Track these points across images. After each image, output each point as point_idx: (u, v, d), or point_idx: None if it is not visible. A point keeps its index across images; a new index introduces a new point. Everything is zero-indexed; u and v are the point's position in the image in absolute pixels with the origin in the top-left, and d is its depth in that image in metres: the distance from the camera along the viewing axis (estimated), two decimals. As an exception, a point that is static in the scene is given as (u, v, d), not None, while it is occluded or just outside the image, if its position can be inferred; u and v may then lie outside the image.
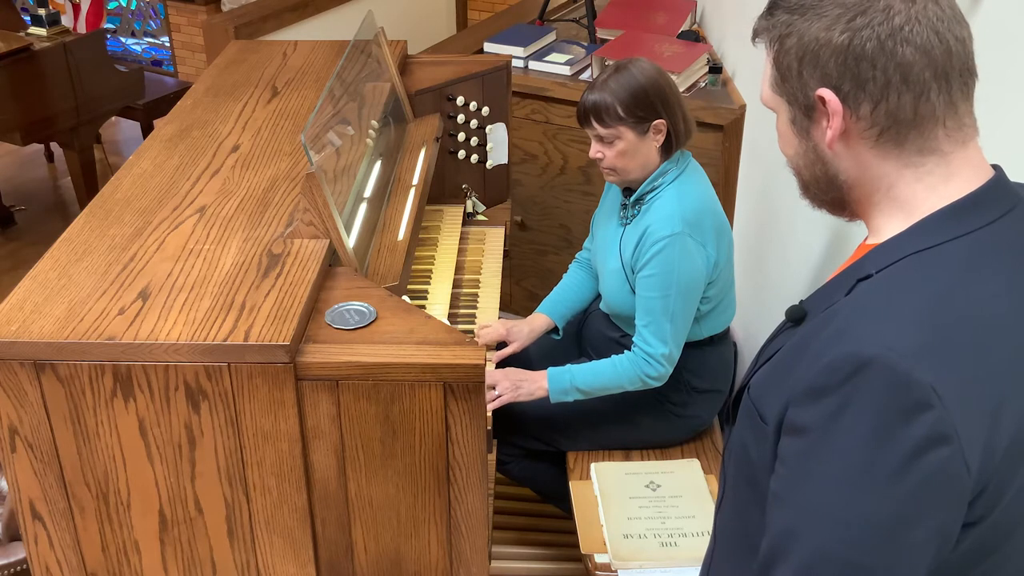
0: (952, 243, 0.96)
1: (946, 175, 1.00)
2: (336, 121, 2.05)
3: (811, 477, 0.93)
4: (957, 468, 0.87)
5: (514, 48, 3.20)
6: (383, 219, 2.13)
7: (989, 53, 1.52)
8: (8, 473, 1.60)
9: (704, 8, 3.52)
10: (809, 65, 1.00)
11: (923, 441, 0.86)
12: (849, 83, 0.98)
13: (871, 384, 0.88)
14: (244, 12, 3.51)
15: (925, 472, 0.87)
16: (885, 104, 0.97)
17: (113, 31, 6.08)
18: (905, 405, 0.87)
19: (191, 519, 1.64)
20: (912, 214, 1.01)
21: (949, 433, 0.86)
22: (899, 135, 0.99)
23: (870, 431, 0.88)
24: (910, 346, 0.88)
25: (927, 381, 0.87)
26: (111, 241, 1.78)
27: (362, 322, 1.63)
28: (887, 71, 0.96)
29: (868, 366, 0.88)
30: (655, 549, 2.01)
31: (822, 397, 0.91)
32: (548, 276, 3.43)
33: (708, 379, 2.27)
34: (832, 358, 0.91)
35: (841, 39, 0.97)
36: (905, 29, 0.95)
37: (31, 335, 1.52)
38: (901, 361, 0.87)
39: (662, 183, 2.12)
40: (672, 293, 2.07)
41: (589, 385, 2.16)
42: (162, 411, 1.55)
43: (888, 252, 0.99)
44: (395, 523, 1.67)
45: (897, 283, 0.95)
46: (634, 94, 2.06)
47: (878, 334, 0.90)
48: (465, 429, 1.59)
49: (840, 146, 1.02)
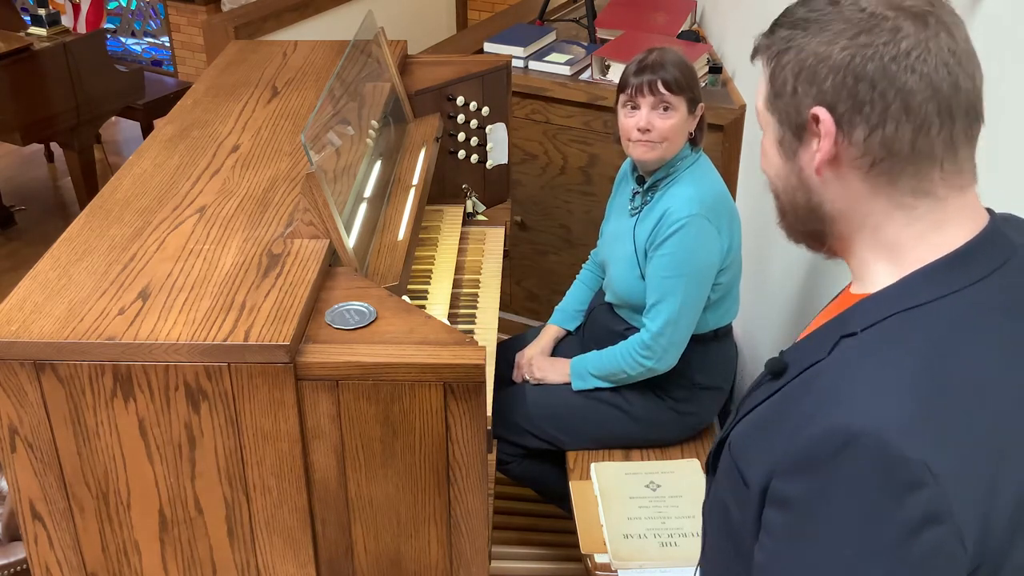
0: (941, 301, 0.90)
1: (938, 222, 0.94)
2: (336, 121, 2.05)
3: (799, 555, 0.88)
4: (952, 547, 0.83)
5: (514, 48, 3.20)
6: (383, 219, 2.13)
7: (989, 53, 1.52)
8: (8, 473, 1.60)
9: (704, 8, 3.52)
10: (805, 81, 0.94)
11: (917, 521, 0.82)
12: (845, 104, 0.92)
13: (860, 462, 0.83)
14: (244, 12, 3.51)
15: (919, 553, 0.82)
16: (881, 132, 0.91)
17: (113, 31, 6.08)
18: (897, 484, 0.82)
19: (191, 519, 1.64)
20: (900, 263, 0.95)
21: (943, 512, 0.82)
22: (892, 169, 0.93)
23: (861, 511, 0.83)
24: (901, 420, 0.83)
25: (919, 458, 0.81)
26: (111, 241, 1.78)
27: (362, 322, 1.63)
28: (887, 96, 0.90)
29: (856, 442, 0.83)
30: (655, 549, 2.01)
31: (809, 472, 0.86)
32: (548, 276, 3.43)
33: (711, 375, 2.28)
34: (819, 430, 0.86)
35: (842, 56, 0.91)
36: (912, 55, 0.89)
37: (31, 335, 1.52)
38: (892, 437, 0.82)
39: (676, 170, 2.15)
40: (685, 273, 2.09)
41: (598, 368, 2.25)
42: (162, 411, 1.55)
43: (874, 308, 0.93)
44: (395, 523, 1.67)
45: (884, 347, 0.89)
46: (692, 73, 2.13)
47: (867, 406, 0.84)
48: (465, 429, 1.59)
49: (829, 173, 0.96)
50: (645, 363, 2.16)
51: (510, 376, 2.39)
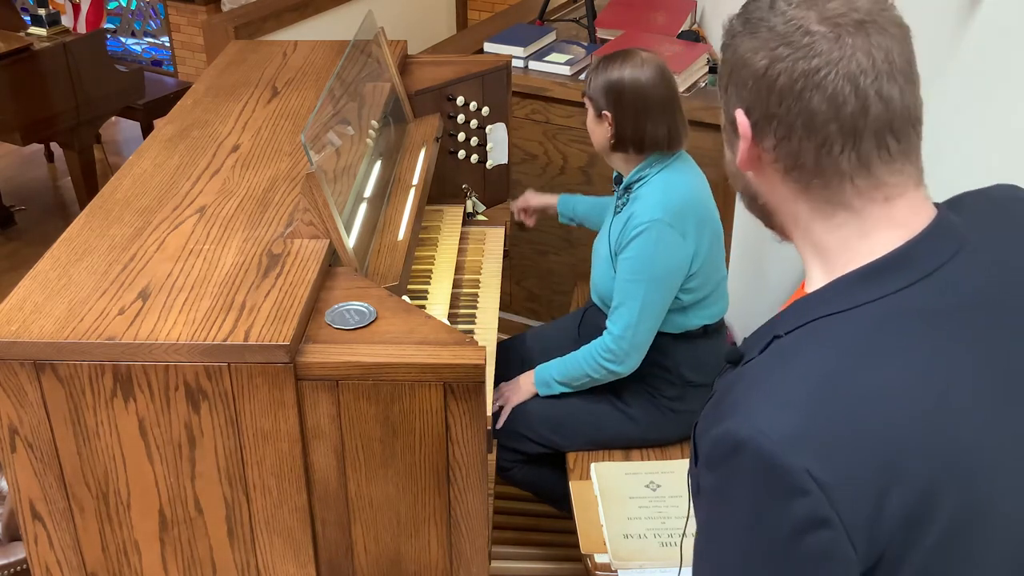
0: (862, 309, 0.92)
1: (860, 231, 0.95)
2: (336, 121, 2.05)
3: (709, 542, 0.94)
4: (841, 550, 0.85)
5: (514, 48, 3.20)
6: (383, 219, 2.13)
7: (989, 53, 1.52)
8: (8, 473, 1.60)
9: (704, 8, 3.52)
10: (734, 82, 0.97)
11: (801, 525, 0.84)
12: (758, 112, 0.95)
13: (746, 466, 0.86)
14: (244, 12, 3.51)
15: (806, 554, 0.85)
16: (787, 144, 0.93)
17: (113, 31, 6.08)
18: (779, 490, 0.85)
19: (191, 519, 1.64)
20: (829, 266, 0.97)
21: (828, 516, 0.84)
22: (802, 179, 0.95)
23: (751, 510, 0.87)
24: (785, 431, 0.85)
25: (801, 466, 0.84)
26: (111, 241, 1.78)
27: (362, 322, 1.63)
28: (791, 112, 0.92)
29: (743, 448, 0.86)
30: (655, 549, 2.01)
31: (710, 469, 0.91)
32: (548, 276, 3.43)
33: (702, 372, 2.27)
34: (719, 432, 0.90)
35: (760, 65, 0.93)
36: (820, 74, 0.90)
37: (31, 335, 1.52)
38: (773, 447, 0.85)
39: (648, 173, 2.16)
40: (644, 279, 2.10)
41: (562, 373, 2.27)
42: (162, 411, 1.55)
43: (799, 313, 0.96)
44: (395, 523, 1.67)
45: (796, 354, 0.92)
46: (606, 80, 2.15)
47: (757, 417, 0.87)
48: (465, 429, 1.59)
49: (755, 170, 0.99)
50: (608, 366, 2.17)
51: (509, 377, 2.39)
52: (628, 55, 2.15)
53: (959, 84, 1.63)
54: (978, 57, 1.51)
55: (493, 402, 2.34)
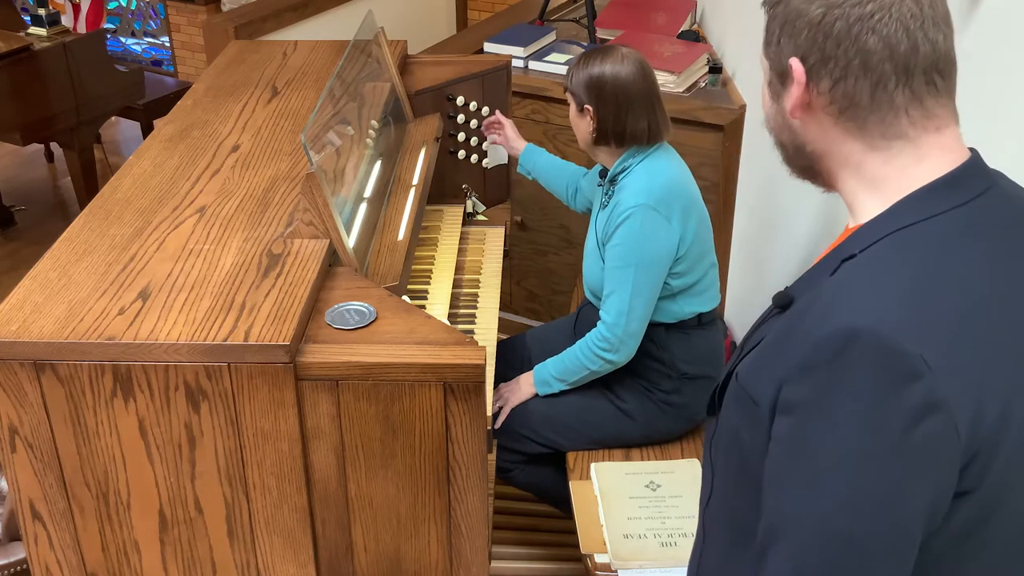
0: (930, 221, 0.98)
1: (916, 156, 1.02)
2: (336, 121, 2.05)
3: (806, 453, 0.93)
4: (949, 435, 0.89)
5: (514, 48, 3.20)
6: (383, 219, 2.13)
7: (990, 53, 1.52)
8: (8, 473, 1.60)
9: (704, 8, 3.52)
10: (786, 33, 1.03)
11: (916, 410, 0.88)
12: (815, 57, 1.01)
13: (861, 356, 0.89)
14: (244, 12, 3.51)
15: (919, 442, 0.88)
16: (843, 85, 1.01)
17: (113, 31, 6.08)
18: (896, 375, 0.88)
19: (191, 519, 1.64)
20: (885, 194, 1.02)
21: (940, 401, 0.88)
22: (858, 116, 1.02)
23: (863, 403, 0.89)
24: (897, 318, 0.90)
25: (916, 351, 0.88)
26: (111, 241, 1.78)
27: (362, 322, 1.63)
28: (848, 54, 0.99)
29: (857, 338, 0.90)
30: (655, 549, 2.01)
31: (813, 372, 0.93)
32: (548, 276, 3.43)
33: (697, 364, 2.27)
34: (822, 334, 0.92)
35: (816, 13, 1.00)
36: (875, 18, 0.98)
37: (31, 335, 1.52)
38: (889, 332, 0.89)
39: (631, 163, 2.19)
40: (632, 264, 2.12)
41: (560, 370, 2.27)
42: (162, 411, 1.55)
43: (870, 232, 1.00)
44: (395, 523, 1.67)
45: (880, 261, 0.97)
46: (588, 75, 2.17)
47: (865, 308, 0.92)
48: (465, 429, 1.59)
49: (805, 116, 1.05)
50: (604, 355, 2.18)
51: (509, 377, 2.39)
52: (608, 51, 2.18)
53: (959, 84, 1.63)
54: (978, 56, 1.51)
55: (493, 402, 2.34)
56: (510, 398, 2.33)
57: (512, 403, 2.32)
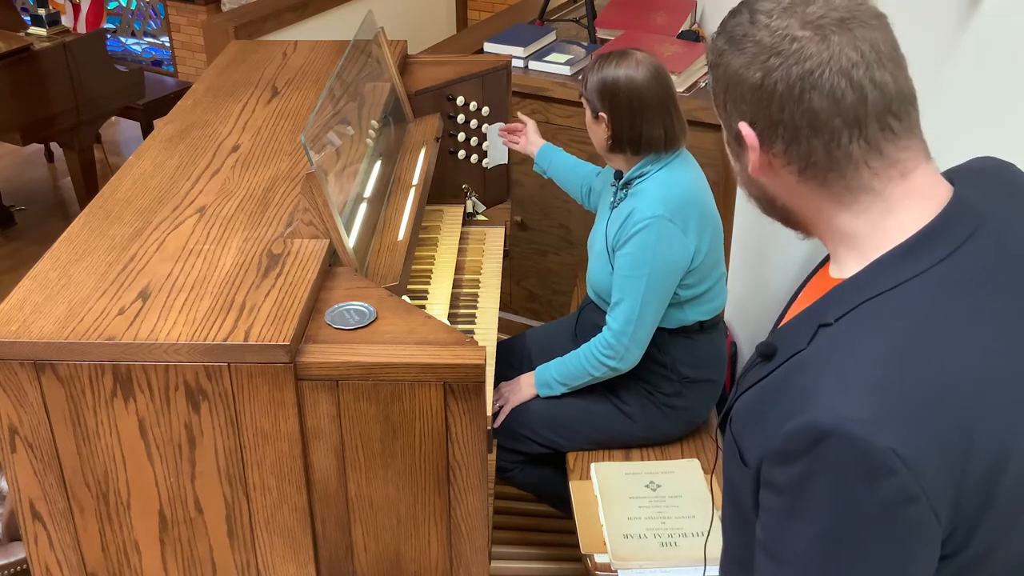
0: (909, 284, 0.94)
1: (885, 209, 0.98)
2: (336, 121, 2.05)
3: (790, 536, 0.94)
4: (927, 521, 0.88)
5: (514, 48, 3.20)
6: (383, 219, 2.13)
7: (990, 53, 1.52)
8: (8, 473, 1.60)
9: (704, 8, 3.52)
10: (731, 98, 1.00)
11: (890, 502, 0.87)
12: (763, 122, 0.98)
13: (831, 454, 0.88)
14: (244, 12, 3.51)
15: (895, 530, 0.88)
16: (796, 147, 0.97)
17: (113, 31, 6.08)
18: (868, 471, 0.87)
19: (191, 519, 1.64)
20: (863, 251, 0.99)
21: (916, 492, 0.87)
22: (818, 175, 0.98)
23: (837, 498, 0.89)
24: (868, 413, 0.87)
25: (887, 445, 0.86)
26: (111, 241, 1.78)
27: (362, 322, 1.63)
28: (795, 116, 0.96)
29: (828, 437, 0.88)
30: (655, 549, 2.01)
31: (789, 463, 0.92)
32: (548, 276, 3.43)
33: (699, 368, 2.27)
34: (796, 425, 0.91)
35: (755, 77, 0.97)
36: (815, 75, 0.94)
37: (31, 335, 1.52)
38: (860, 431, 0.87)
39: (650, 170, 2.16)
40: (645, 274, 2.10)
41: (562, 373, 2.26)
42: (162, 411, 1.55)
43: (845, 297, 0.97)
44: (395, 523, 1.67)
45: (854, 338, 0.94)
46: (601, 81, 2.14)
47: (835, 403, 0.89)
48: (465, 429, 1.59)
49: (769, 176, 1.02)
50: (608, 362, 2.17)
51: (509, 377, 2.39)
52: (623, 55, 2.15)
53: (959, 83, 1.63)
54: (978, 57, 1.51)
55: (493, 402, 2.34)
56: (510, 398, 2.33)
57: (512, 403, 2.32)
